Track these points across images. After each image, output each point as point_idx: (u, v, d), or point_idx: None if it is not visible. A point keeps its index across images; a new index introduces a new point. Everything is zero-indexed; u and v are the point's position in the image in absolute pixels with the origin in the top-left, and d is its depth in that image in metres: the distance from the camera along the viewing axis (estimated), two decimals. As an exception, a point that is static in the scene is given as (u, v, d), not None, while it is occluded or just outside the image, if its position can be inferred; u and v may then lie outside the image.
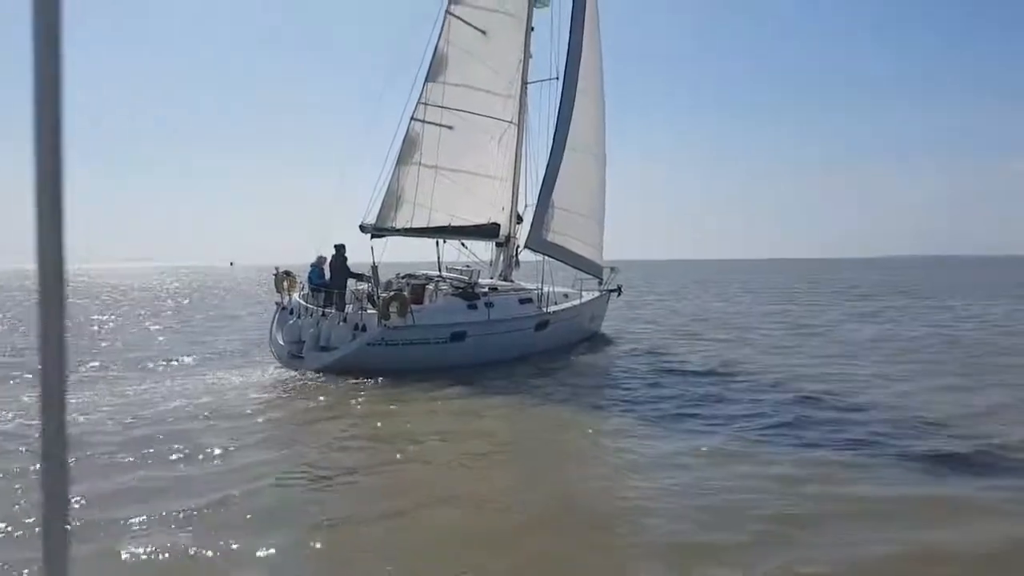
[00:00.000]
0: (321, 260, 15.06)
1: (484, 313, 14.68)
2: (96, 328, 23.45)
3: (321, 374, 13.06)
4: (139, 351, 17.03)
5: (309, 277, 15.24)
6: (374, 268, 14.50)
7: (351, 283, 15.04)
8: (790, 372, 13.90)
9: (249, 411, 10.31)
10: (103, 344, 18.61)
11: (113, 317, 28.42)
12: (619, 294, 21.64)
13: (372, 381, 12.44)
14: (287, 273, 15.59)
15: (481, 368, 13.75)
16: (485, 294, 15.24)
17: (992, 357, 15.63)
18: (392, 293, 13.66)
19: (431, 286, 15.34)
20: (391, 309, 13.19)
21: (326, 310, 14.13)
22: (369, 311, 13.70)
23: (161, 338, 20.54)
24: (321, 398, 11.45)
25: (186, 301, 40.24)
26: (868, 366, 14.62)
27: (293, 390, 12.05)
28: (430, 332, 13.76)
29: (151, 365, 14.74)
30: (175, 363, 15.07)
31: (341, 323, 13.68)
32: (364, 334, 13.35)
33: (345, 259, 14.64)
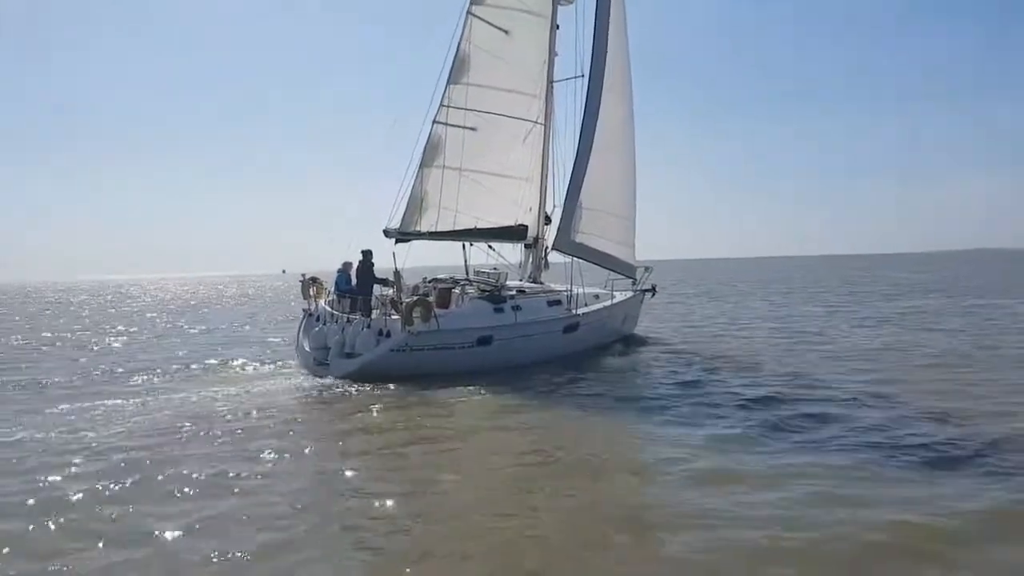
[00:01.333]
0: (348, 266, 15.03)
1: (511, 316, 14.47)
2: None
3: (346, 381, 13.00)
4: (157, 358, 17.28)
5: (336, 283, 15.23)
6: (397, 273, 14.40)
7: (377, 288, 14.96)
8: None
9: (271, 424, 10.14)
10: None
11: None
12: (653, 294, 21.17)
13: (396, 388, 12.33)
14: (314, 279, 15.63)
15: (509, 372, 13.53)
16: (512, 297, 15.03)
17: None
18: (416, 298, 13.55)
19: (458, 290, 15.19)
20: (415, 314, 13.08)
21: (351, 316, 14.08)
22: (393, 317, 13.61)
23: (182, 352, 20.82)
24: (343, 406, 11.38)
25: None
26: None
27: (318, 399, 11.98)
28: (455, 337, 13.60)
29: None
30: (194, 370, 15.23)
31: (365, 329, 13.61)
32: (388, 340, 13.27)
33: (371, 265, 14.58)
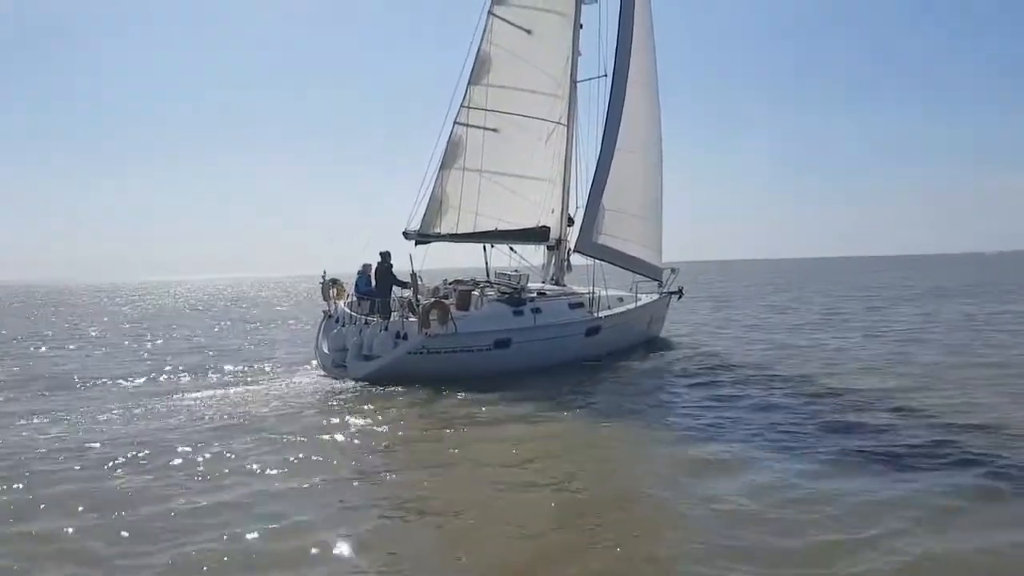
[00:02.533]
0: (367, 267, 15.03)
1: (530, 319, 14.31)
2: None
3: (363, 383, 13.01)
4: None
5: (356, 285, 15.24)
6: (413, 275, 14.34)
7: (396, 291, 14.93)
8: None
9: (287, 427, 10.10)
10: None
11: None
12: (680, 296, 20.82)
13: (412, 391, 12.27)
14: (334, 281, 15.65)
15: (528, 376, 13.39)
16: (532, 299, 14.87)
17: None
18: (433, 300, 13.48)
19: (477, 291, 15.09)
20: (431, 317, 13.01)
21: (369, 318, 14.07)
22: (411, 319, 13.56)
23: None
24: (366, 407, 11.36)
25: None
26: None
27: (336, 401, 11.98)
28: (472, 340, 13.49)
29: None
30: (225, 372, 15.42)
31: (383, 331, 13.58)
32: (405, 342, 13.21)
33: (390, 266, 14.54)
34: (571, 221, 17.64)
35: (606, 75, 16.30)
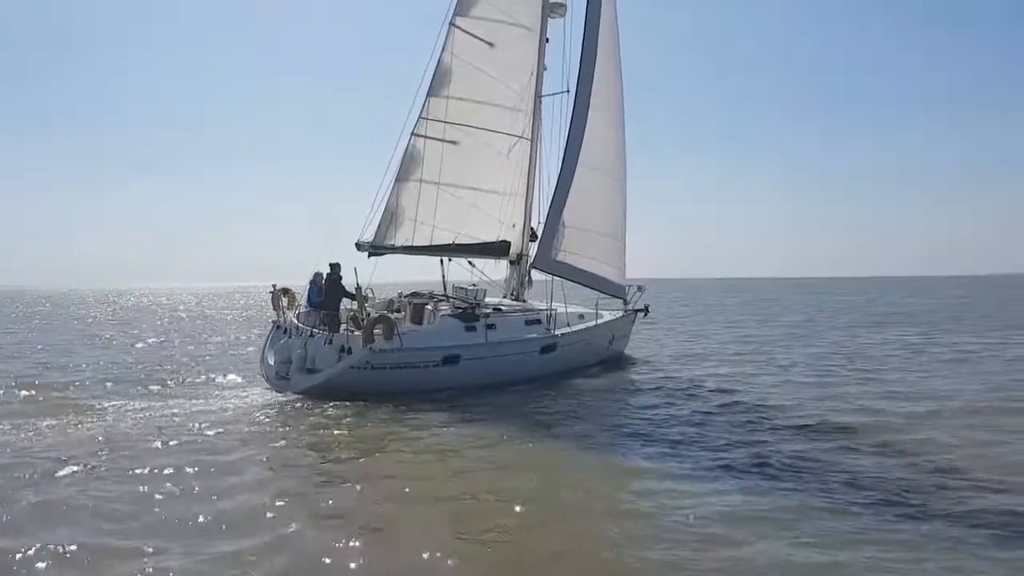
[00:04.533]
0: (319, 277, 14.73)
1: (482, 335, 14.08)
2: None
3: (304, 397, 12.72)
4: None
5: (308, 296, 14.95)
6: (358, 288, 14.07)
7: (348, 303, 14.66)
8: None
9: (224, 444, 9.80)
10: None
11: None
12: (645, 314, 20.67)
13: (352, 406, 11.99)
14: (285, 291, 15.35)
15: (477, 393, 13.17)
16: (487, 315, 14.64)
17: None
18: (378, 315, 13.22)
19: (430, 306, 14.85)
20: (375, 331, 12.75)
21: (315, 330, 13.78)
22: (356, 333, 13.29)
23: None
24: (299, 422, 11.07)
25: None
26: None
27: (270, 415, 11.69)
28: (419, 355, 13.24)
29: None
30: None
31: (327, 344, 13.30)
32: (349, 356, 12.94)
33: (339, 278, 14.25)
34: (534, 236, 17.45)
35: (568, 91, 16.14)
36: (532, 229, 17.45)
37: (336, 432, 10.55)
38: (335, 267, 14.25)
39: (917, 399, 13.11)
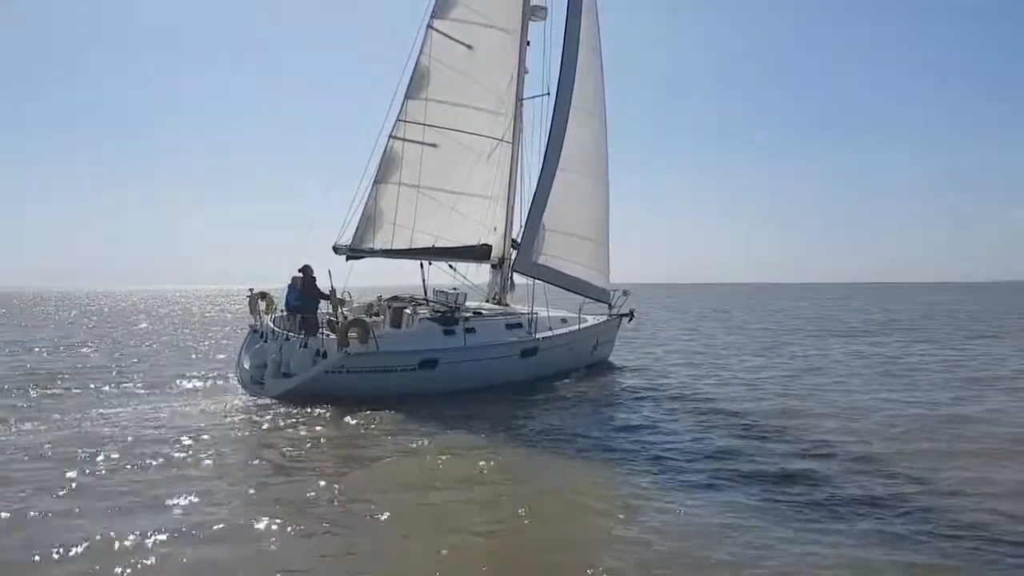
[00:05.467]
0: (296, 280, 14.59)
1: (460, 339, 13.96)
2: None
3: (279, 402, 12.55)
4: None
5: (286, 299, 14.81)
6: (332, 291, 13.94)
7: (326, 305, 14.52)
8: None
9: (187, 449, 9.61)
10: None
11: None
12: (631, 319, 20.58)
13: (327, 411, 11.83)
14: (263, 295, 15.21)
15: (455, 398, 13.03)
16: (467, 319, 14.53)
17: None
18: (353, 318, 13.10)
19: (409, 309, 14.74)
20: (350, 335, 12.61)
21: (291, 334, 13.64)
22: (332, 336, 13.16)
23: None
24: (272, 426, 10.91)
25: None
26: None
27: (243, 420, 11.52)
28: (396, 359, 13.11)
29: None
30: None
31: (302, 348, 13.17)
32: (324, 360, 12.81)
33: (313, 279, 14.10)
34: (516, 244, 17.33)
35: (548, 93, 16.09)
36: (514, 239, 17.32)
37: (306, 437, 10.36)
38: (306, 269, 14.10)
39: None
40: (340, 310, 14.39)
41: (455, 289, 16.05)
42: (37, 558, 5.83)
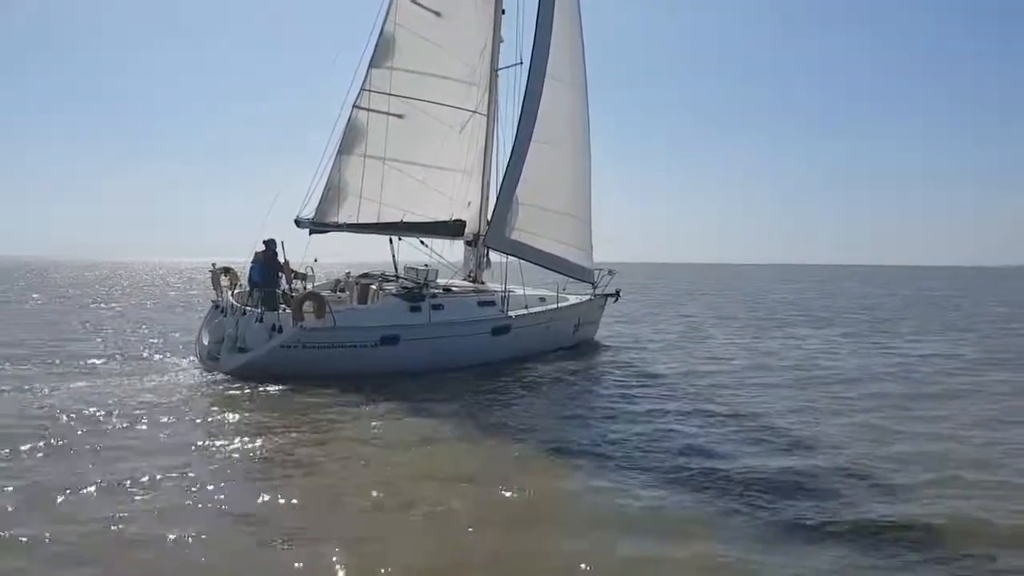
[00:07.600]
0: (259, 256, 14.21)
1: (425, 315, 13.52)
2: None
3: (232, 377, 12.20)
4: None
5: (249, 274, 14.43)
6: (286, 263, 13.55)
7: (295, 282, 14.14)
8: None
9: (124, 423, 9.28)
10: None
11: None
12: (616, 299, 20.06)
13: (281, 388, 11.47)
14: (226, 270, 14.86)
15: (416, 377, 12.61)
16: (435, 295, 14.09)
17: None
18: (307, 291, 12.72)
19: (375, 286, 14.33)
20: (305, 309, 12.22)
21: (248, 308, 13.28)
22: (287, 311, 12.78)
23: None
24: (219, 404, 10.56)
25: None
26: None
27: (196, 398, 11.16)
28: (354, 335, 12.70)
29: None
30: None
31: (257, 323, 12.80)
32: (278, 335, 12.43)
33: (275, 254, 13.70)
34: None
35: (521, 63, 15.50)
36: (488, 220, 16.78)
37: (250, 416, 9.98)
38: (269, 243, 13.70)
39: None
40: (294, 283, 14.04)
41: (426, 266, 15.60)
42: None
